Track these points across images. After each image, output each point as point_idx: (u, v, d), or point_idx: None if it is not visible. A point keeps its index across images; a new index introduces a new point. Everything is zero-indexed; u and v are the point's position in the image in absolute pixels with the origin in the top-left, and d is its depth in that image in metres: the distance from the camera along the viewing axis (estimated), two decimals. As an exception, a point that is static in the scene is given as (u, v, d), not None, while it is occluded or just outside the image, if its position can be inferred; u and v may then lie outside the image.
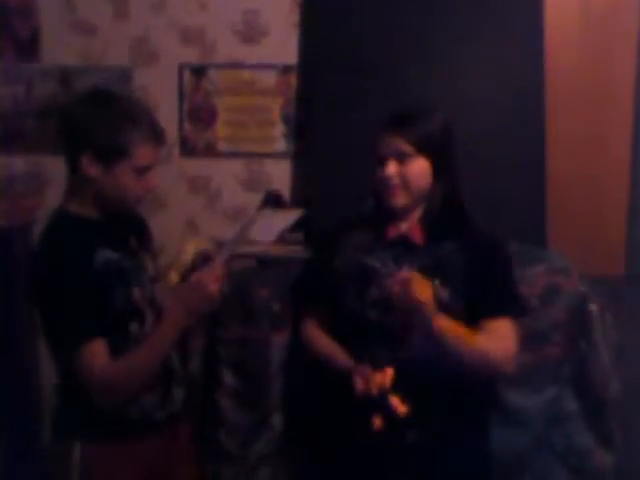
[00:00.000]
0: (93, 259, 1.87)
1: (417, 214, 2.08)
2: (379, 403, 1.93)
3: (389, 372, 1.93)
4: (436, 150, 2.02)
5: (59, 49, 3.22)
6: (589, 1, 3.07)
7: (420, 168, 2.02)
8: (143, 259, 2.04)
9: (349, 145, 2.88)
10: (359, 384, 1.95)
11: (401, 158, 2.01)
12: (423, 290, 1.89)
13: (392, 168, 2.01)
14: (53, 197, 2.06)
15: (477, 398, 2.10)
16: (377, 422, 1.94)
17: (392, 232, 2.08)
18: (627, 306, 2.76)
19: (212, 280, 1.91)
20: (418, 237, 2.06)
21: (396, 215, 2.08)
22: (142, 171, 1.90)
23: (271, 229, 2.79)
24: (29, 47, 3.21)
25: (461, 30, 2.98)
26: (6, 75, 3.15)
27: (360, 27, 3.03)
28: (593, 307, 2.49)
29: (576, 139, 3.10)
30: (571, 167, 3.08)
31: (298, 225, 2.87)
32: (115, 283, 1.90)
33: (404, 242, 2.07)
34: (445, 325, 1.91)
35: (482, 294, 2.01)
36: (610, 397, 2.47)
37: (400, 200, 2.03)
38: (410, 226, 2.07)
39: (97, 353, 1.83)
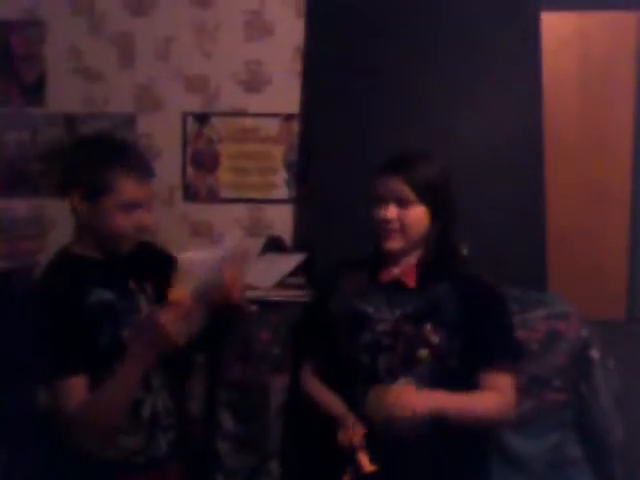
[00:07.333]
0: (86, 298, 1.91)
1: (413, 258, 2.08)
2: (350, 458, 1.91)
3: (359, 430, 1.91)
4: (435, 197, 2.03)
5: (64, 95, 3.26)
6: (587, 52, 3.12)
7: (419, 214, 2.02)
8: (139, 301, 2.05)
9: (349, 191, 2.90)
10: (340, 435, 1.94)
11: (401, 202, 2.01)
12: (404, 403, 1.84)
13: (392, 212, 2.01)
14: (55, 240, 2.10)
15: (476, 442, 2.08)
16: (346, 478, 1.91)
17: (386, 276, 2.09)
18: (628, 350, 2.75)
19: (170, 319, 1.84)
20: (411, 280, 2.06)
21: (391, 258, 2.08)
22: (129, 207, 1.93)
23: (272, 273, 2.80)
24: (35, 93, 3.26)
25: (459, 82, 3.03)
26: (12, 120, 3.20)
27: (361, 79, 3.07)
28: (594, 352, 2.47)
29: (576, 186, 3.13)
30: (571, 213, 3.12)
31: (299, 269, 2.87)
32: (104, 323, 1.93)
33: (397, 285, 2.07)
34: (443, 407, 1.90)
35: (477, 340, 2.00)
36: (613, 442, 2.46)
37: (396, 244, 2.04)
38: (404, 270, 2.07)
39: (73, 390, 1.85)
